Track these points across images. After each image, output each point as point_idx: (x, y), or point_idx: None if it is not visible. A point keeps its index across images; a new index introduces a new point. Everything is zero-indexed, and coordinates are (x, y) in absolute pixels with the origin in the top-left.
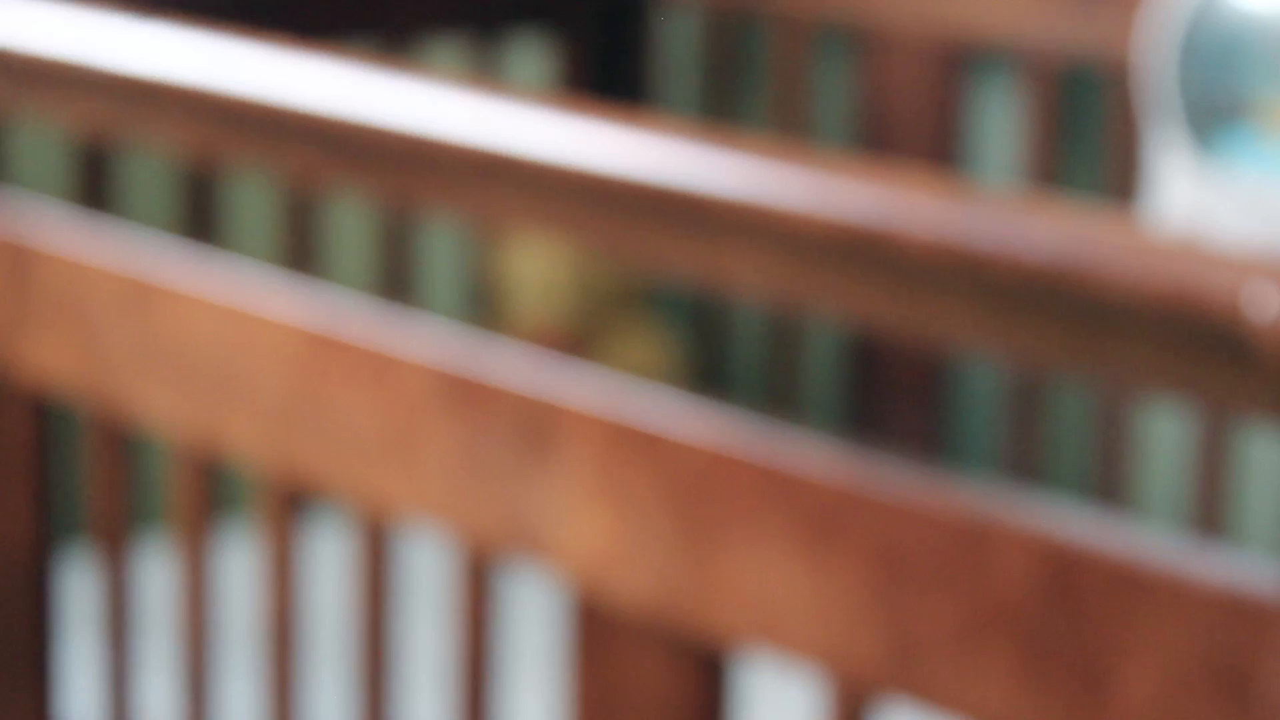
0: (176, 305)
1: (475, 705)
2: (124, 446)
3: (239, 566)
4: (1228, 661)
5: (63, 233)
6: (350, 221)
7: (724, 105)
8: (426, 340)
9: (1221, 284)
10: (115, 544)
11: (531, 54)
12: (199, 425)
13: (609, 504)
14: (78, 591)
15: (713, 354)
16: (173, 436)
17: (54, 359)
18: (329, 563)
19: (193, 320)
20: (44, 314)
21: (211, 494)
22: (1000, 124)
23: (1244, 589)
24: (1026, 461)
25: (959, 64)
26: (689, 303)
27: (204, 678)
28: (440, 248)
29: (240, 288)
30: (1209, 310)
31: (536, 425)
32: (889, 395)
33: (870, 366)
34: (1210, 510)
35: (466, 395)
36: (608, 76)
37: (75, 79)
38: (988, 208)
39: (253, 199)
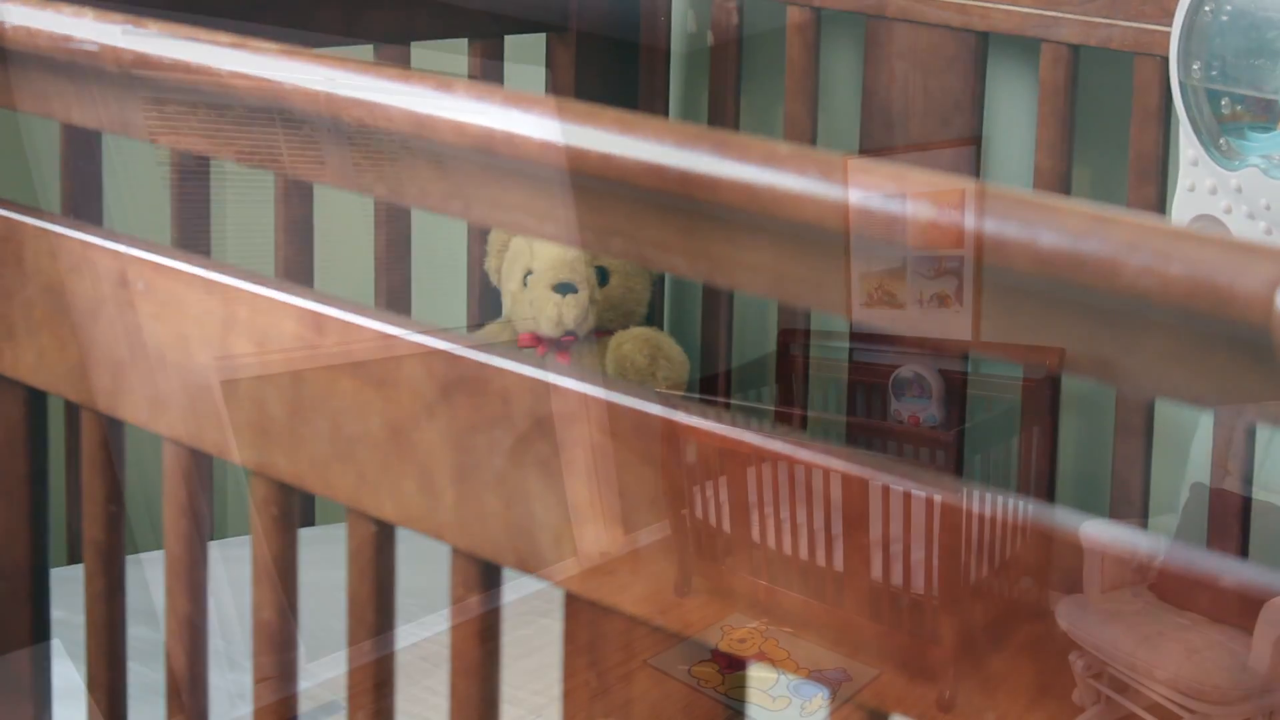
0: (169, 302)
1: (476, 706)
2: (117, 446)
3: (235, 571)
4: None
5: (55, 227)
6: (348, 216)
7: (735, 85)
8: (425, 341)
9: (1255, 276)
10: (109, 547)
11: (530, 64)
12: (191, 425)
13: (609, 505)
14: (70, 600)
15: (715, 380)
16: (165, 436)
17: (45, 355)
18: (327, 566)
19: (187, 317)
20: (35, 309)
21: (206, 497)
22: (1020, 104)
23: (1268, 593)
24: (1044, 466)
25: (978, 40)
26: (695, 329)
27: (200, 682)
28: (441, 245)
29: (236, 285)
30: (1239, 305)
31: (536, 425)
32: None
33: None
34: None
35: (465, 396)
36: (608, 85)
37: (75, 72)
38: (1005, 194)
39: (251, 193)
